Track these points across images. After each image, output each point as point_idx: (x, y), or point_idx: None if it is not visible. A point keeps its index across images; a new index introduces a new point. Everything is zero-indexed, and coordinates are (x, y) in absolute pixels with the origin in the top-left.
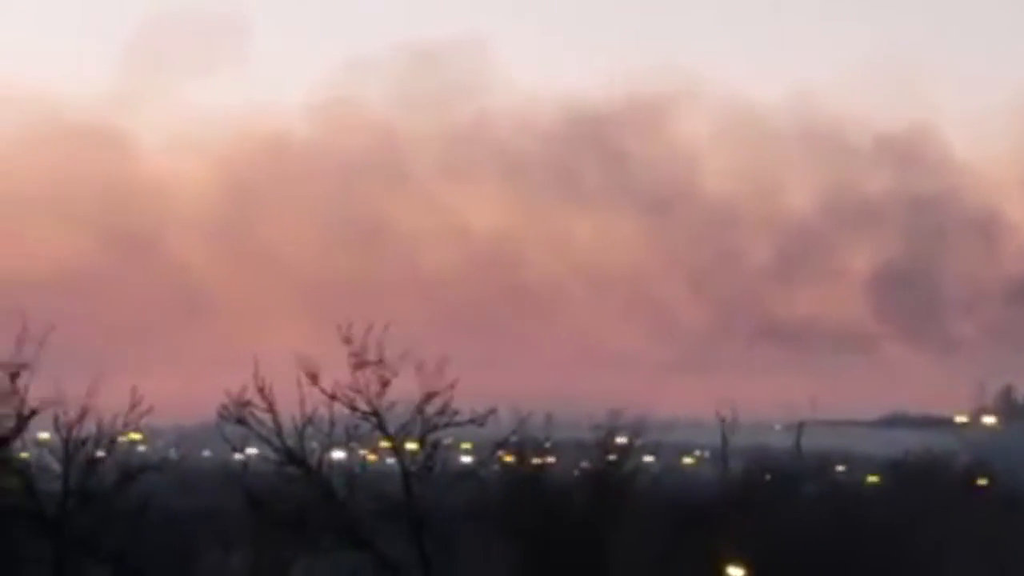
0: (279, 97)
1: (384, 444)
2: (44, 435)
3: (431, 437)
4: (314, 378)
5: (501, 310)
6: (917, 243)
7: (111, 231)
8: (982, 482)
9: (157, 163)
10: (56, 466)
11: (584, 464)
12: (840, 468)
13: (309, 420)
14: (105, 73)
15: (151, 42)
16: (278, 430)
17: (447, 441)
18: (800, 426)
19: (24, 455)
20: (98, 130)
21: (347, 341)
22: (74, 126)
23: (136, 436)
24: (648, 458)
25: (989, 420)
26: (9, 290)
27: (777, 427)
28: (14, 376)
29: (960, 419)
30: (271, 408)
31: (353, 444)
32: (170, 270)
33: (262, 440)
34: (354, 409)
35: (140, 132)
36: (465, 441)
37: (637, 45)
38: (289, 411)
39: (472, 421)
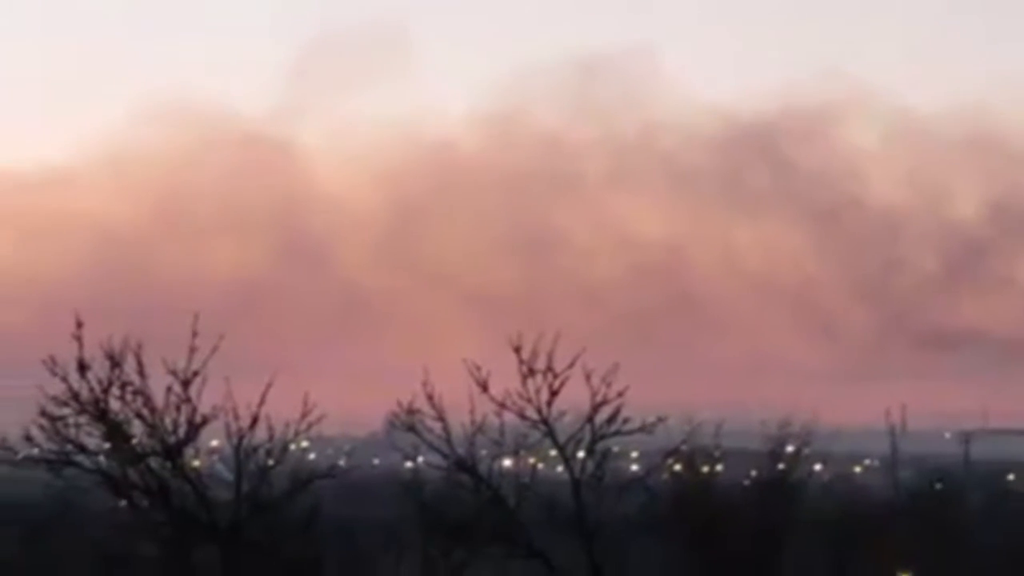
0: (445, 108)
1: (553, 452)
2: (215, 443)
3: (600, 446)
4: (484, 386)
5: (668, 319)
6: None
7: (281, 242)
8: None
9: (325, 175)
10: (227, 474)
11: (753, 473)
12: (1010, 477)
13: (479, 428)
14: (275, 86)
15: (320, 54)
16: (448, 438)
17: (616, 450)
18: (969, 435)
19: (196, 463)
20: (268, 142)
21: (517, 350)
22: (245, 138)
23: (306, 444)
24: (817, 466)
25: None
26: (182, 299)
27: (946, 435)
28: (186, 384)
29: None
30: (441, 416)
31: (522, 452)
32: (339, 280)
33: (432, 448)
34: (524, 417)
35: (309, 144)
36: (634, 450)
37: (803, 54)
38: (459, 419)
39: (641, 429)
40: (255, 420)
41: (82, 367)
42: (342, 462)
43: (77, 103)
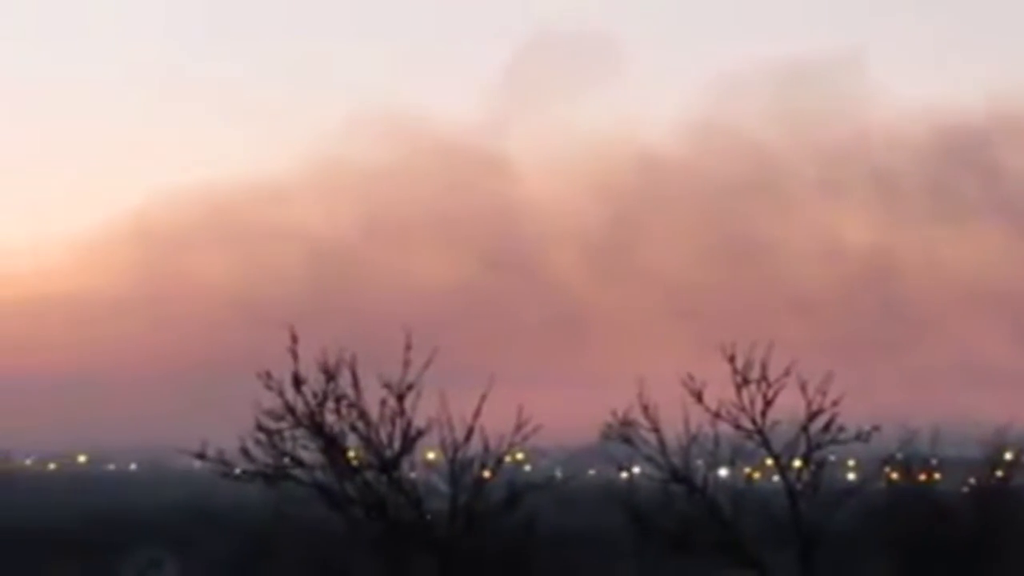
0: (653, 116)
1: (769, 462)
2: (431, 455)
3: (816, 455)
4: (698, 396)
5: (880, 326)
6: None
7: (491, 252)
8: None
9: (534, 184)
10: (443, 486)
11: (971, 481)
12: None
13: (694, 438)
14: (484, 96)
15: (526, 64)
16: (662, 448)
17: (832, 458)
18: None
19: (412, 475)
20: (478, 152)
21: (731, 359)
22: (455, 149)
23: (521, 456)
24: None
25: None
26: (394, 312)
27: None
28: (401, 397)
29: None
30: (656, 427)
31: (737, 462)
32: (550, 290)
33: (646, 459)
34: (738, 427)
35: (518, 154)
36: (850, 458)
37: (1011, 56)
38: (673, 429)
39: (857, 438)
40: (470, 432)
41: (297, 381)
42: (557, 473)
43: (289, 117)
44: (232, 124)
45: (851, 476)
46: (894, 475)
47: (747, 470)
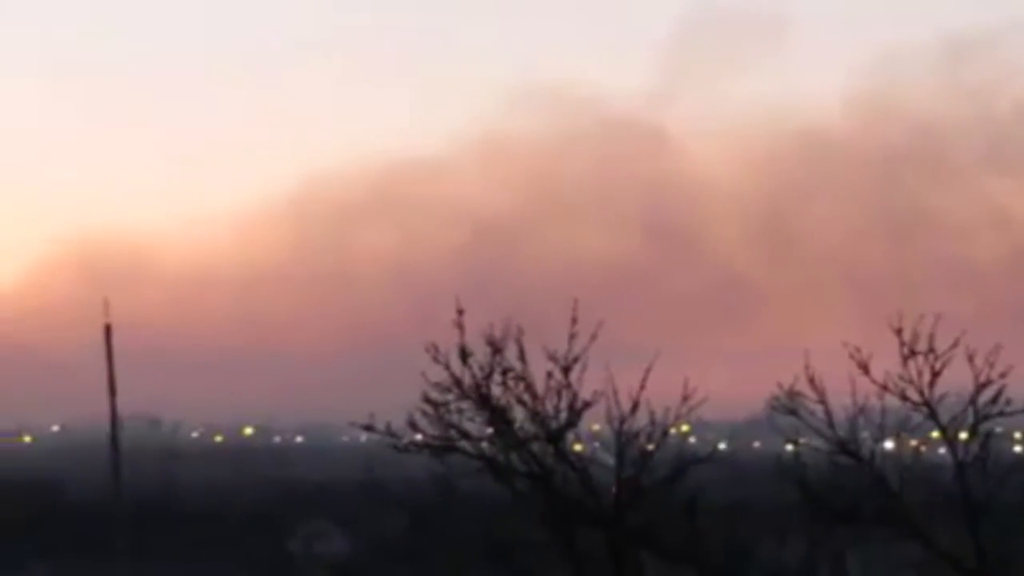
0: (817, 89)
1: (935, 434)
2: (596, 427)
3: (983, 427)
4: (864, 368)
5: None
6: None
7: (655, 226)
8: None
9: (697, 158)
10: (608, 459)
11: None
12: None
13: (860, 410)
14: (644, 69)
15: (689, 36)
16: (829, 421)
17: (999, 430)
18: None
19: (577, 447)
20: (640, 127)
21: (898, 332)
22: (617, 123)
23: (686, 428)
24: None
25: None
26: (560, 285)
27: None
28: (566, 370)
29: None
30: (822, 399)
31: (904, 434)
32: (713, 263)
33: (813, 431)
34: (905, 399)
35: (680, 128)
36: (1017, 431)
37: None
38: (839, 401)
39: None
40: (635, 405)
41: (464, 354)
42: (723, 446)
43: (450, 92)
44: (393, 99)
45: (1018, 449)
46: None
47: (913, 442)
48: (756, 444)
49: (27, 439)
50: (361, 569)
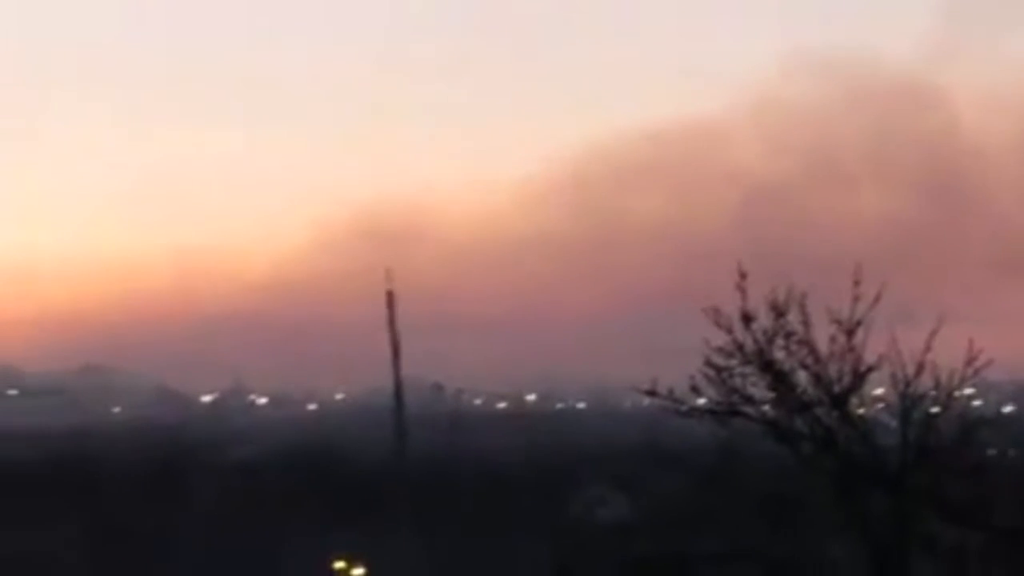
0: None
1: None
2: (880, 391)
3: None
4: None
5: None
6: None
7: (934, 186)
8: None
9: (975, 117)
10: (892, 421)
11: None
12: None
13: None
14: (921, 30)
15: None
16: None
17: None
18: None
19: (860, 411)
20: (917, 88)
21: None
22: (893, 85)
23: (971, 391)
24: None
25: None
26: (840, 248)
27: None
28: (850, 333)
29: None
30: None
31: None
32: (995, 223)
33: None
34: None
35: (959, 88)
36: None
37: None
38: None
39: None
40: (920, 368)
41: (746, 318)
42: (1008, 408)
43: (727, 58)
44: (671, 66)
45: None
46: None
47: None
48: None
49: (312, 407)
50: (643, 533)
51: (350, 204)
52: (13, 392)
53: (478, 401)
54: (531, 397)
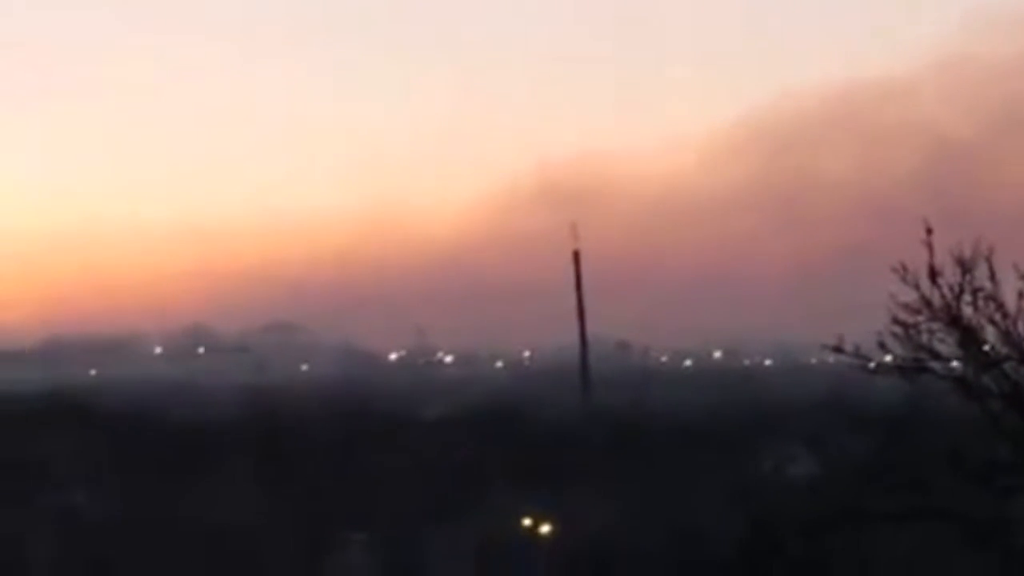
0: None
1: None
2: None
3: None
4: None
5: None
6: None
7: None
8: None
9: None
10: None
11: None
12: None
13: None
14: None
15: None
16: None
17: None
18: None
19: None
20: None
21: None
22: None
23: None
24: None
25: None
26: (1022, 202)
27: None
28: None
29: None
30: None
31: None
32: None
33: None
34: None
35: None
36: None
37: None
38: None
39: None
40: None
41: (933, 274)
42: None
43: (911, 14)
44: (854, 24)
45: None
46: None
47: None
48: None
49: (498, 364)
50: (832, 491)
51: (537, 161)
52: (201, 350)
53: (664, 358)
54: (717, 354)
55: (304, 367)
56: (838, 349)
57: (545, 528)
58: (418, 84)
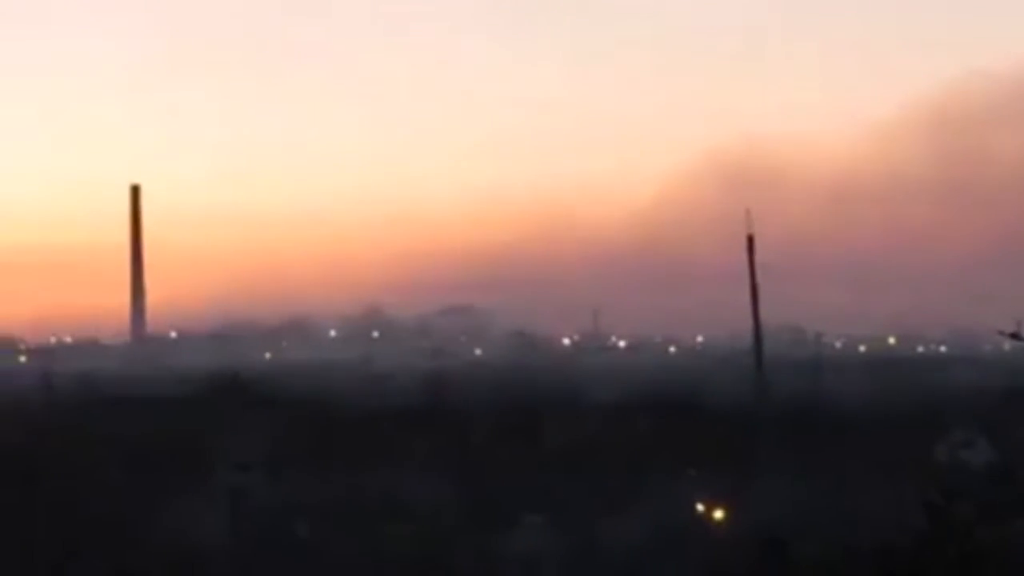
0: None
1: None
2: None
3: None
4: None
5: None
6: None
7: None
8: None
9: None
10: None
11: None
12: None
13: None
14: None
15: None
16: None
17: None
18: None
19: None
20: None
21: None
22: None
23: None
24: None
25: None
26: None
27: None
28: None
29: None
30: None
31: None
32: None
33: None
34: None
35: None
36: None
37: None
38: None
39: None
40: None
41: None
42: None
43: None
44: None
45: None
46: None
47: None
48: None
49: (672, 350)
50: (1010, 477)
51: (711, 147)
52: (376, 333)
53: (838, 344)
54: (891, 340)
55: (478, 351)
56: (1014, 335)
57: (718, 514)
58: (592, 66)
